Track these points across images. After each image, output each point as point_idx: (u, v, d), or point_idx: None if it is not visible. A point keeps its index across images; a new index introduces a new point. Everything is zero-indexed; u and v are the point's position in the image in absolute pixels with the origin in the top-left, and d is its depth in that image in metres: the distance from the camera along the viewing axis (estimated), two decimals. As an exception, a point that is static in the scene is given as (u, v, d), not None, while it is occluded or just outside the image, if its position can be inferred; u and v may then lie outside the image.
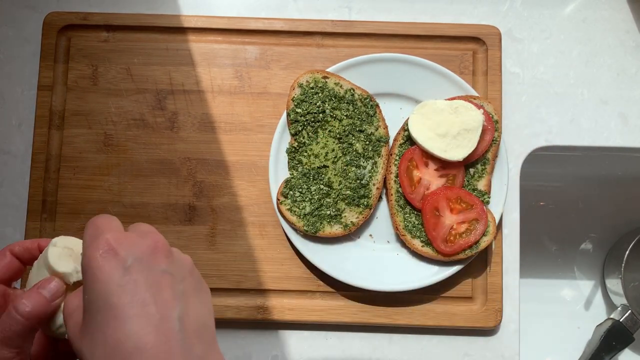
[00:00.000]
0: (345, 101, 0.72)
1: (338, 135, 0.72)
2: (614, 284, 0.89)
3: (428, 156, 0.72)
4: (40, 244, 0.48)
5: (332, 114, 0.72)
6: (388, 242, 0.74)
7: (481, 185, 0.72)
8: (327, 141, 0.72)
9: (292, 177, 0.72)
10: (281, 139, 0.73)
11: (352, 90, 0.72)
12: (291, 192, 0.71)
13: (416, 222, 0.71)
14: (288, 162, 0.72)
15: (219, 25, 0.77)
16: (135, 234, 0.40)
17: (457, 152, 0.70)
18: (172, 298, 0.38)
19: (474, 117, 0.70)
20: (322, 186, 0.71)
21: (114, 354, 0.36)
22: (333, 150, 0.72)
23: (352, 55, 0.74)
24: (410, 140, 0.72)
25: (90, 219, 0.42)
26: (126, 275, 0.37)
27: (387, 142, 0.73)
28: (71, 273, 0.45)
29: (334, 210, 0.71)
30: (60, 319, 0.44)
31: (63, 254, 0.46)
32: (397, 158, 0.72)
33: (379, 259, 0.73)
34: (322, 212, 0.71)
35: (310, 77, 0.72)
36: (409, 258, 0.73)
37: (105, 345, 0.36)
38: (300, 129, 0.72)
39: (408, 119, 0.72)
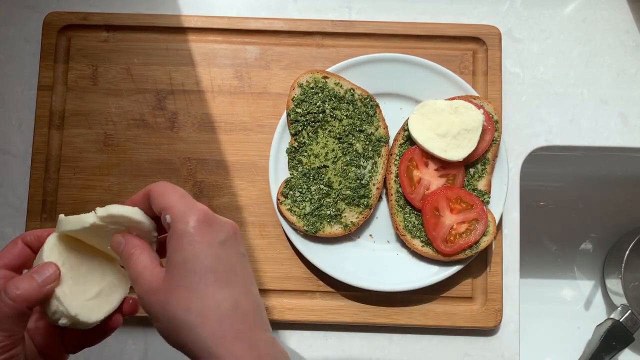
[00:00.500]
0: (345, 101, 0.72)
1: (338, 135, 0.72)
2: (614, 284, 0.89)
3: (428, 156, 0.72)
4: (50, 233, 0.49)
5: (332, 114, 0.72)
6: (388, 242, 0.74)
7: (481, 185, 0.72)
8: (327, 141, 0.72)
9: (292, 177, 0.72)
10: (281, 139, 0.73)
11: (352, 90, 0.72)
12: (291, 192, 0.71)
13: (416, 222, 0.71)
14: (288, 162, 0.72)
15: (219, 25, 0.77)
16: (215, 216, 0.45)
17: (457, 152, 0.70)
18: (250, 275, 0.44)
19: (474, 117, 0.70)
20: (322, 186, 0.71)
21: (213, 309, 0.41)
22: (333, 150, 0.72)
23: (352, 55, 0.74)
24: (410, 140, 0.72)
25: (160, 185, 0.45)
26: (222, 247, 0.43)
27: (387, 142, 0.73)
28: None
29: (334, 210, 0.71)
30: (54, 304, 0.45)
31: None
32: (397, 158, 0.72)
33: (379, 259, 0.73)
34: (322, 212, 0.71)
35: (310, 77, 0.72)
36: (409, 258, 0.73)
37: (204, 300, 0.41)
38: (300, 129, 0.72)
39: (408, 119, 0.72)
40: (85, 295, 0.47)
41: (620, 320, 0.83)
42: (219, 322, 0.41)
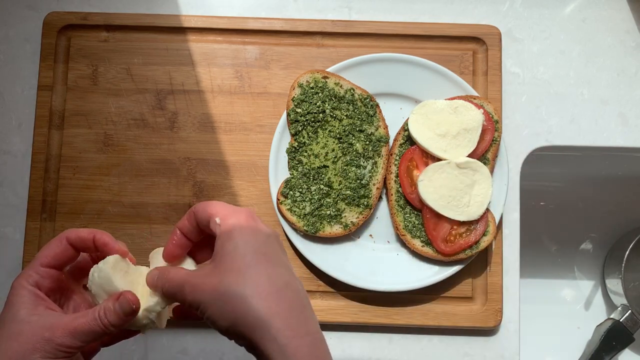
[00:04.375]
0: (345, 101, 0.72)
1: (338, 135, 0.72)
2: (614, 284, 0.89)
3: (428, 156, 0.72)
4: (95, 237, 0.50)
5: (332, 114, 0.72)
6: (388, 242, 0.74)
7: (481, 185, 0.72)
8: (327, 141, 0.72)
9: (292, 177, 0.72)
10: (281, 139, 0.73)
11: (352, 90, 0.72)
12: (291, 192, 0.71)
13: (416, 222, 0.71)
14: (288, 162, 0.72)
15: (219, 25, 0.77)
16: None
17: (457, 152, 0.70)
18: (290, 265, 0.48)
19: (474, 117, 0.70)
20: (322, 186, 0.71)
21: (267, 283, 0.44)
22: (333, 150, 0.72)
23: (352, 55, 0.74)
24: (410, 140, 0.72)
25: (201, 202, 0.49)
26: (269, 239, 0.47)
27: (387, 142, 0.73)
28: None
29: (334, 210, 0.71)
30: (144, 316, 0.49)
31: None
32: (397, 158, 0.72)
33: (379, 259, 0.73)
34: (322, 212, 0.71)
35: (310, 77, 0.72)
36: (409, 258, 0.73)
37: (258, 276, 0.44)
38: (300, 129, 0.72)
39: (408, 119, 0.72)
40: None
41: (620, 320, 0.83)
42: (274, 294, 0.44)
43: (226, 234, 0.46)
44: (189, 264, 0.52)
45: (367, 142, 0.72)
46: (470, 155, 0.71)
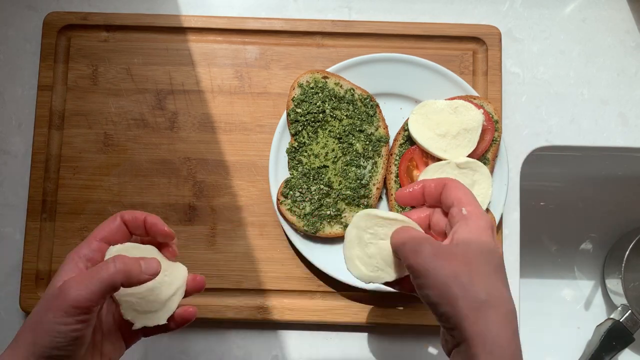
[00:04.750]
0: (345, 101, 0.72)
1: (338, 135, 0.72)
2: (614, 284, 0.89)
3: (428, 156, 0.72)
4: (146, 218, 0.54)
5: (332, 114, 0.72)
6: (388, 242, 0.74)
7: (481, 185, 0.72)
8: (327, 141, 0.72)
9: (292, 177, 0.72)
10: (281, 139, 0.73)
11: (352, 90, 0.72)
12: (291, 192, 0.71)
13: (416, 222, 0.71)
14: (288, 162, 0.72)
15: (219, 25, 0.77)
16: None
17: (457, 152, 0.70)
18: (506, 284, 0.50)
19: (474, 117, 0.70)
20: (322, 186, 0.71)
21: (490, 292, 0.47)
22: (333, 150, 0.72)
23: (352, 55, 0.74)
24: (410, 140, 0.72)
25: (457, 182, 0.54)
26: (492, 250, 0.50)
27: (387, 142, 0.73)
28: None
29: (334, 210, 0.71)
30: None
31: None
32: (397, 158, 0.72)
33: (379, 259, 0.73)
34: (322, 212, 0.71)
35: (310, 77, 0.72)
36: (409, 258, 0.73)
37: (479, 266, 0.48)
38: (300, 129, 0.72)
39: (408, 119, 0.72)
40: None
41: (620, 320, 0.83)
42: (493, 282, 0.48)
43: (465, 226, 0.50)
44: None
45: (367, 142, 0.72)
46: (470, 155, 0.71)
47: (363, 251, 0.54)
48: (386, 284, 0.56)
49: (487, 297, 0.46)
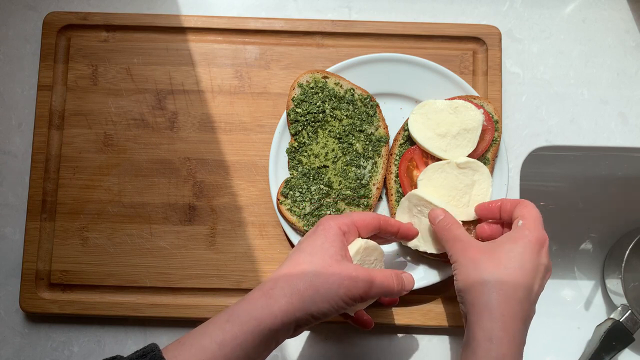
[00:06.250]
0: (345, 101, 0.72)
1: (338, 135, 0.72)
2: (614, 284, 0.89)
3: (428, 156, 0.72)
4: (400, 229, 0.65)
5: (332, 114, 0.72)
6: (388, 242, 0.74)
7: (481, 185, 0.72)
8: (327, 141, 0.72)
9: (292, 177, 0.72)
10: (281, 139, 0.73)
11: (352, 90, 0.72)
12: (291, 192, 0.71)
13: (416, 222, 0.71)
14: (288, 162, 0.72)
15: (219, 25, 0.77)
16: None
17: (457, 152, 0.70)
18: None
19: (474, 117, 0.70)
20: (322, 186, 0.71)
21: (515, 276, 0.58)
22: (333, 150, 0.72)
23: (352, 55, 0.74)
24: (410, 140, 0.72)
25: (530, 204, 0.63)
26: (538, 267, 0.59)
27: (387, 142, 0.73)
28: None
29: (334, 210, 0.71)
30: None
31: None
32: (397, 158, 0.72)
33: (379, 259, 0.73)
34: (322, 212, 0.71)
35: (310, 77, 0.72)
36: (409, 258, 0.73)
37: (508, 271, 0.58)
38: (300, 129, 0.72)
39: (408, 119, 0.72)
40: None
41: (620, 320, 0.83)
42: (520, 278, 0.58)
43: (515, 237, 0.59)
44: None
45: (367, 142, 0.72)
46: (470, 155, 0.71)
47: (411, 220, 0.69)
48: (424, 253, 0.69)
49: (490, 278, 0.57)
